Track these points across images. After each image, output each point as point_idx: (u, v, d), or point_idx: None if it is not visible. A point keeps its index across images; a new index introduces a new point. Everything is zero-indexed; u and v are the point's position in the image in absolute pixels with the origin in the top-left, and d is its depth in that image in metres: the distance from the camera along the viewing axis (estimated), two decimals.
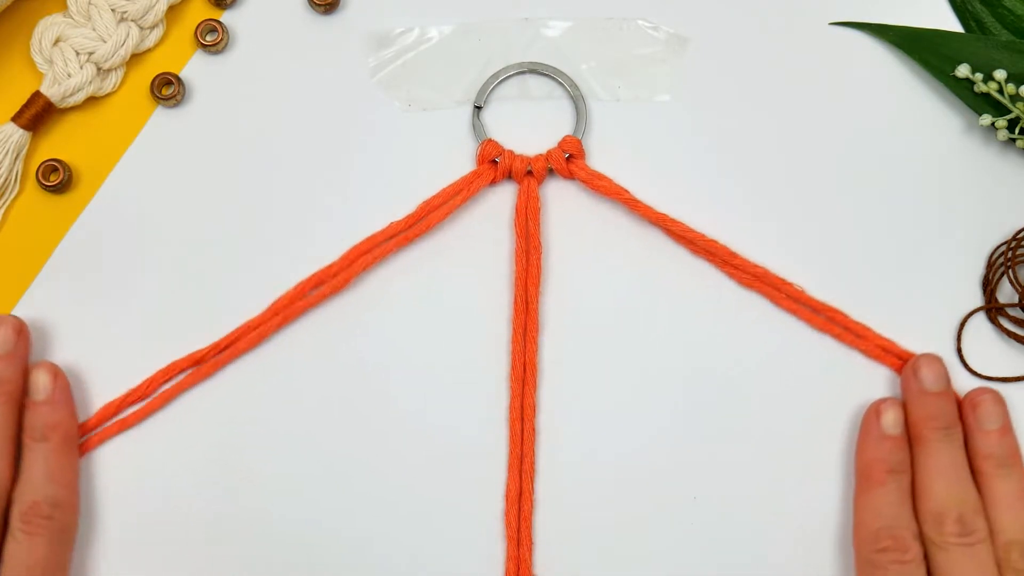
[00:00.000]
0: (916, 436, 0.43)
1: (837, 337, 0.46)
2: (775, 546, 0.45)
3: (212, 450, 0.45)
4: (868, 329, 0.46)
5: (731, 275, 0.46)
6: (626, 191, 0.46)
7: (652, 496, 0.45)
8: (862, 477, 0.43)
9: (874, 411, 0.44)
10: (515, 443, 0.45)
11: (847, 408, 0.46)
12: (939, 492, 0.42)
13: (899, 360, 0.46)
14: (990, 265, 0.46)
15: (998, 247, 0.47)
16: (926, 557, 0.41)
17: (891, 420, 0.43)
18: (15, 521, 0.41)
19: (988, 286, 0.46)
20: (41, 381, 0.44)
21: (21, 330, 0.44)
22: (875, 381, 0.46)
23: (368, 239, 0.46)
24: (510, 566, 0.44)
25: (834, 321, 0.46)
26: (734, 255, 0.46)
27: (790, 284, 0.46)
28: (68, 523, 0.42)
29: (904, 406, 0.44)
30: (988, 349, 0.46)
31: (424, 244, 0.47)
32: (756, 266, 0.46)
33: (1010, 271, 0.46)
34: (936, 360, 0.44)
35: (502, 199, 0.48)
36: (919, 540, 0.41)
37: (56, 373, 0.44)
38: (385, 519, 0.45)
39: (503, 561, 0.44)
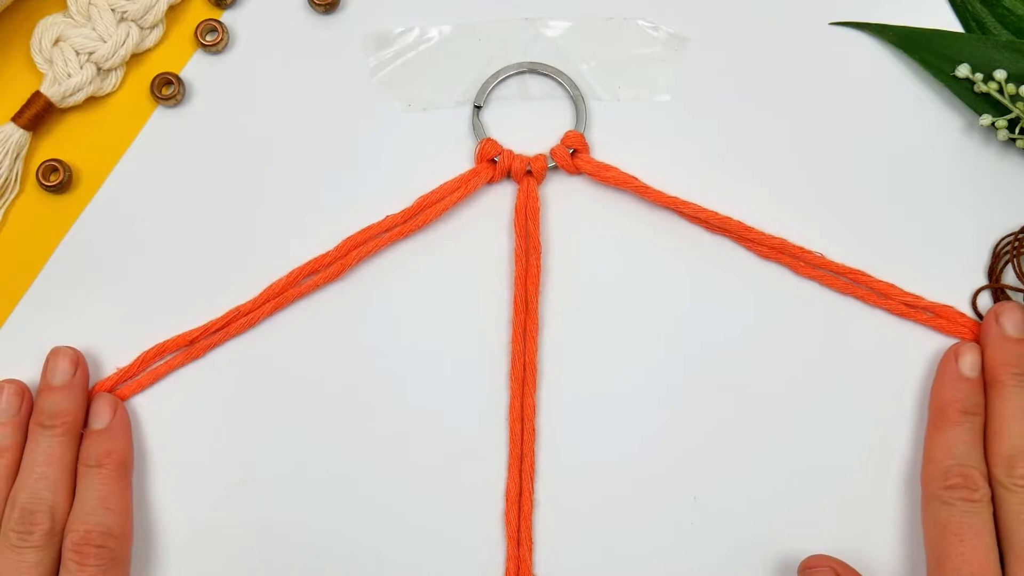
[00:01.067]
0: (992, 380, 0.43)
1: (862, 299, 0.46)
2: (775, 546, 0.45)
3: (200, 437, 0.46)
4: (893, 286, 0.46)
5: (749, 248, 0.46)
6: (635, 179, 0.46)
7: (652, 496, 0.45)
8: (936, 416, 0.44)
9: (952, 353, 0.44)
10: (515, 443, 0.45)
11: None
12: (1012, 435, 0.42)
13: (926, 313, 0.46)
14: (996, 255, 0.46)
15: (1004, 237, 0.47)
16: (993, 501, 0.41)
17: (969, 363, 0.44)
18: (68, 553, 0.41)
19: (992, 275, 0.46)
20: (101, 411, 0.44)
21: (78, 361, 0.44)
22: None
23: (363, 230, 0.46)
24: (510, 566, 0.44)
25: (858, 283, 0.46)
26: (749, 229, 0.46)
27: (810, 252, 0.46)
28: (121, 553, 0.42)
29: (981, 352, 0.44)
30: None
31: (424, 244, 0.47)
32: (773, 237, 0.46)
33: (1015, 260, 0.46)
34: (1019, 308, 0.44)
35: (502, 199, 0.48)
36: (988, 482, 0.42)
37: (116, 404, 0.44)
38: (384, 519, 0.45)
39: (503, 561, 0.44)
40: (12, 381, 0.44)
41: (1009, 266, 0.47)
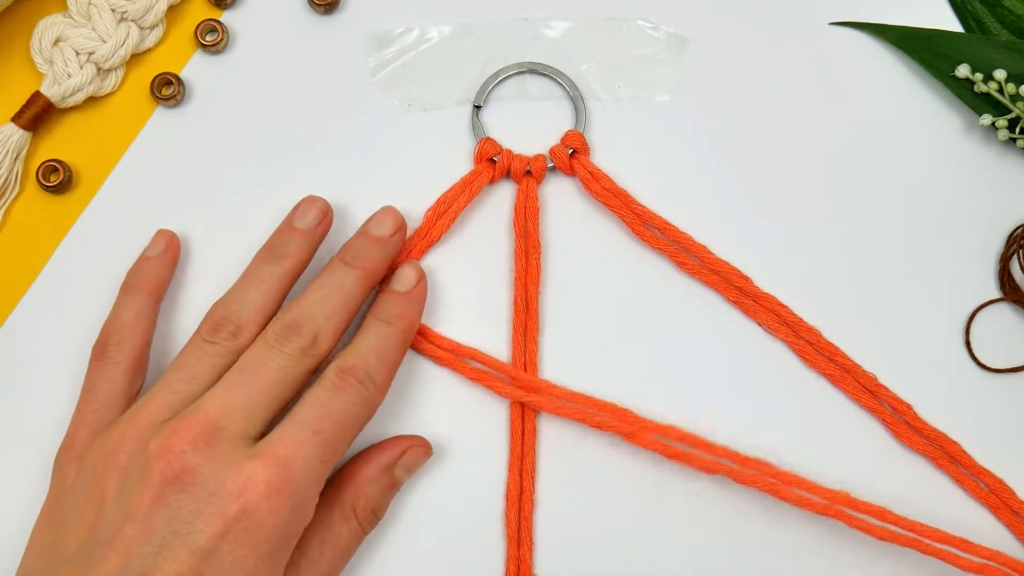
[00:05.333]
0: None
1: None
2: (775, 545, 0.45)
3: None
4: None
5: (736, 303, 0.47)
6: (626, 193, 0.46)
7: (653, 495, 0.45)
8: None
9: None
10: (515, 443, 0.45)
11: (841, 401, 0.46)
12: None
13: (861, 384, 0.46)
14: (1010, 240, 0.47)
15: (1021, 225, 0.47)
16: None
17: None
18: (329, 372, 0.40)
19: (1004, 264, 0.46)
20: (406, 275, 0.44)
21: (402, 224, 0.44)
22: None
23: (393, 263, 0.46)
24: (510, 566, 0.44)
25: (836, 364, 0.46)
26: (740, 276, 0.46)
27: (808, 326, 0.46)
28: (372, 403, 0.41)
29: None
30: (995, 343, 0.46)
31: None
32: (761, 291, 0.46)
33: (1020, 252, 0.46)
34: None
35: (501, 199, 0.48)
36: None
37: (421, 275, 0.44)
38: (385, 519, 0.45)
39: (503, 561, 0.44)
40: (318, 199, 0.45)
41: (1014, 257, 0.47)
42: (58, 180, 0.47)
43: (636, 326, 0.46)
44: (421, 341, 0.45)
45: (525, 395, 0.44)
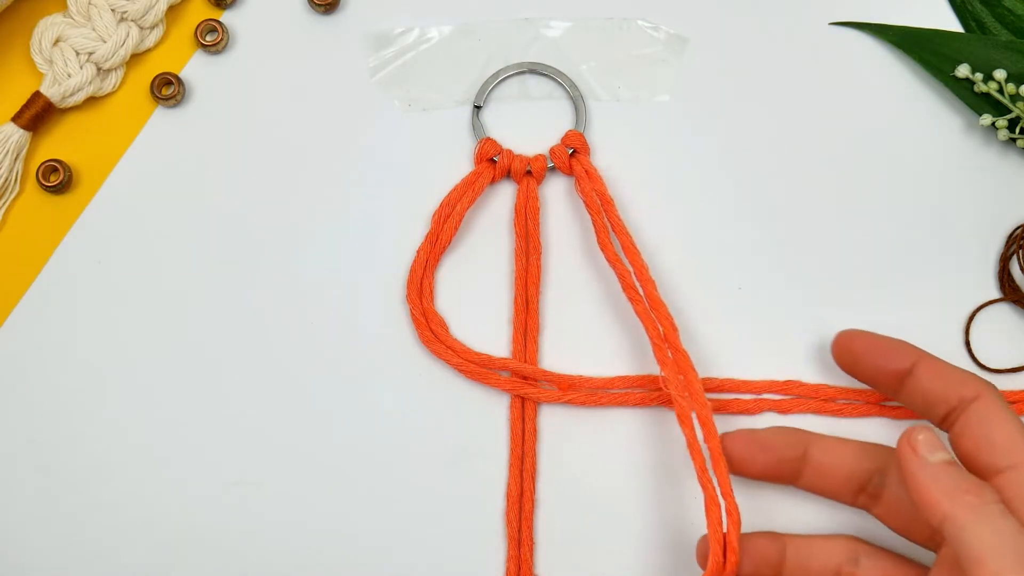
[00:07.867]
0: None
1: None
2: None
3: (216, 448, 0.45)
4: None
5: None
6: (611, 202, 0.46)
7: (653, 496, 0.45)
8: None
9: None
10: (516, 443, 0.45)
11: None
12: None
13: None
14: (1010, 240, 0.47)
15: (1021, 225, 0.47)
16: None
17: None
18: None
19: (1004, 264, 0.46)
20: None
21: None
22: None
23: (412, 273, 0.46)
24: (511, 566, 0.44)
25: None
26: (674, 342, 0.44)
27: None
28: None
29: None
30: (995, 344, 0.46)
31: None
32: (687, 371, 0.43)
33: (1020, 252, 0.46)
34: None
35: (501, 199, 0.48)
36: None
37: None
38: (386, 519, 0.45)
39: (504, 561, 0.44)
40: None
41: (1014, 257, 0.47)
42: (58, 180, 0.47)
43: (635, 326, 0.46)
44: (445, 352, 0.45)
45: (563, 395, 0.45)
